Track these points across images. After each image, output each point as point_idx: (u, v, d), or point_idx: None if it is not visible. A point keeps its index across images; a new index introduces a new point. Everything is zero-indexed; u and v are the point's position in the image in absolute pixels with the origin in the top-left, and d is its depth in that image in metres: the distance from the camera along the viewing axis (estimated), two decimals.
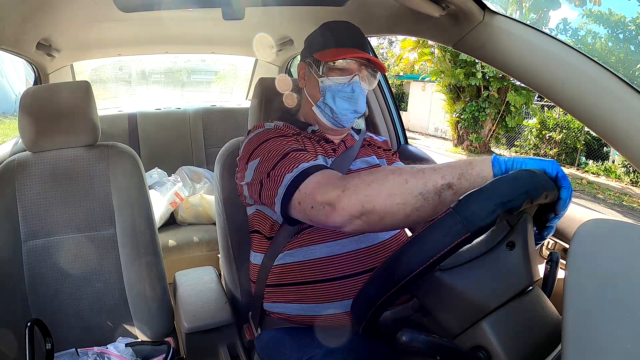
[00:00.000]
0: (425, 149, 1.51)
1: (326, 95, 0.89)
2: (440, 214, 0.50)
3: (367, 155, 0.98)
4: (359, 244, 0.84)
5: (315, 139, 0.93)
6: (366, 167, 0.96)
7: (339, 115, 0.90)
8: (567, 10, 22.82)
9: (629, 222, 0.47)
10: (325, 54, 0.88)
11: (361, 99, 0.90)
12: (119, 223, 1.07)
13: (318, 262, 0.83)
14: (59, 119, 1.04)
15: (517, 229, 0.56)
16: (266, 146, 0.82)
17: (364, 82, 0.89)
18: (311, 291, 0.84)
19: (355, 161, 0.95)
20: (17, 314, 0.99)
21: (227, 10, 1.25)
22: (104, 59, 2.95)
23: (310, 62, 0.91)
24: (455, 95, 8.81)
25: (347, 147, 0.96)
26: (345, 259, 0.83)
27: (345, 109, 0.89)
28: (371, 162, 0.97)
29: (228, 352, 1.04)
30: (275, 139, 0.83)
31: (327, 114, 0.91)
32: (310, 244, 0.84)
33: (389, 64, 12.57)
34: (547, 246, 0.95)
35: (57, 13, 1.23)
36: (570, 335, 0.39)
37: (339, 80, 0.88)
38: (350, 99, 0.88)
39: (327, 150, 0.93)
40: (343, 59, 0.87)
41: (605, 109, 0.66)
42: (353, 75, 0.88)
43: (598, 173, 7.78)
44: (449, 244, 0.47)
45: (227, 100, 3.10)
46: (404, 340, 0.48)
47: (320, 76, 0.89)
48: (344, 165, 0.92)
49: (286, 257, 0.86)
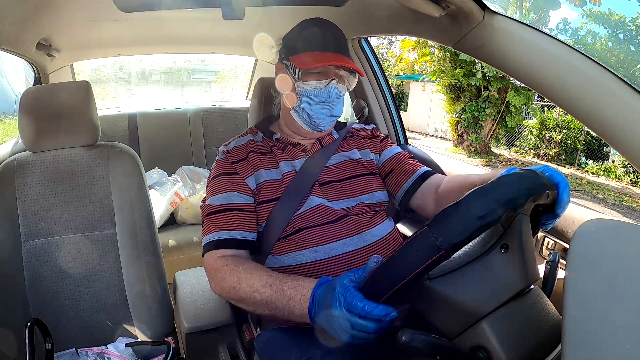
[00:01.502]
0: (425, 149, 1.51)
1: (302, 100, 0.89)
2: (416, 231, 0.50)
3: (347, 149, 0.98)
4: (346, 247, 0.84)
5: (281, 147, 0.94)
6: (344, 160, 0.95)
7: (315, 120, 0.90)
8: (567, 10, 22.82)
9: (629, 222, 0.47)
10: (301, 58, 0.88)
11: (337, 103, 0.90)
12: (119, 223, 1.07)
13: (306, 267, 0.83)
14: (59, 119, 1.04)
15: (511, 231, 0.55)
16: (210, 185, 0.91)
17: (341, 85, 0.89)
18: None
19: (334, 156, 0.95)
20: (17, 314, 0.99)
21: (227, 10, 1.25)
22: (104, 59, 2.95)
23: (286, 64, 0.91)
24: (455, 95, 8.80)
25: (322, 145, 0.96)
26: (333, 262, 0.83)
27: (322, 113, 0.89)
28: (350, 156, 0.97)
29: (228, 352, 1.04)
30: (217, 179, 0.90)
31: (305, 118, 0.91)
32: (299, 249, 0.84)
33: (389, 64, 12.57)
34: (547, 246, 0.95)
35: (57, 13, 1.23)
36: (570, 335, 0.39)
37: (315, 85, 0.87)
38: (327, 103, 0.88)
39: (294, 153, 0.93)
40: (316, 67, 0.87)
41: (605, 109, 0.66)
42: (330, 79, 0.87)
43: (598, 173, 7.77)
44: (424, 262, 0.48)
45: (227, 100, 3.10)
46: (404, 340, 0.48)
47: (296, 80, 0.89)
48: (321, 161, 0.92)
49: (276, 260, 0.86)
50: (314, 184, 0.89)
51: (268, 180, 0.88)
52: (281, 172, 0.89)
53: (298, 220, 0.85)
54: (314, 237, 0.84)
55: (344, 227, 0.86)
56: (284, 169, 0.90)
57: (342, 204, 0.89)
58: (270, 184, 0.88)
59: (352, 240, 0.85)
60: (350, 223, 0.86)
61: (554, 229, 0.92)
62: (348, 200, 0.90)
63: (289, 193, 0.87)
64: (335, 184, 0.91)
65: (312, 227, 0.85)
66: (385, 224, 0.91)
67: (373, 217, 0.90)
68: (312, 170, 0.90)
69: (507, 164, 8.29)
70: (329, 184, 0.91)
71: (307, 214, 0.85)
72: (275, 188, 0.88)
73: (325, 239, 0.84)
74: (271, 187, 0.88)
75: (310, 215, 0.86)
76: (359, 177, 0.94)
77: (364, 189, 0.93)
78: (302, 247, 0.84)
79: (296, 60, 0.88)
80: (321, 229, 0.85)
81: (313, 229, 0.85)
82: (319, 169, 0.91)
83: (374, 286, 0.55)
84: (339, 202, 0.89)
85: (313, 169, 0.90)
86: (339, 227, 0.85)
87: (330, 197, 0.89)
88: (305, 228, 0.85)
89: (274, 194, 0.87)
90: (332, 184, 0.91)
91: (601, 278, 0.42)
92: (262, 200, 0.87)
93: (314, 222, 0.85)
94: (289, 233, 0.85)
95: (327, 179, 0.91)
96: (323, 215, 0.86)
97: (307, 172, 0.90)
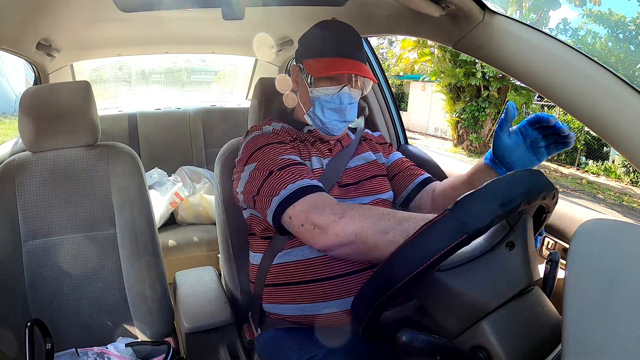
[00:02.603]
0: (425, 149, 1.51)
1: (315, 106, 0.89)
2: (437, 216, 0.49)
3: (363, 152, 0.99)
4: None
5: (311, 140, 0.93)
6: (363, 163, 0.96)
7: (327, 126, 0.90)
8: (567, 10, 22.82)
9: (629, 222, 0.47)
10: (313, 64, 0.88)
11: (350, 110, 0.89)
12: (119, 223, 1.07)
13: (311, 262, 0.83)
14: (59, 119, 1.04)
15: (517, 229, 0.56)
16: (263, 153, 0.83)
17: (355, 90, 0.89)
18: (306, 291, 0.84)
19: (353, 159, 0.96)
20: (17, 314, 0.99)
21: (227, 10, 1.25)
22: (104, 59, 2.94)
23: (301, 67, 0.91)
24: (455, 95, 8.81)
25: (343, 146, 0.97)
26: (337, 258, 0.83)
27: (334, 119, 0.89)
28: (367, 158, 0.98)
29: (228, 352, 1.04)
30: (273, 145, 0.84)
31: (317, 123, 0.92)
32: (304, 243, 0.84)
33: (389, 64, 12.56)
34: (547, 246, 0.95)
35: (57, 13, 1.23)
36: (570, 335, 0.39)
37: (328, 91, 0.87)
38: (339, 110, 0.88)
39: (323, 151, 0.93)
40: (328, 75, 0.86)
41: (605, 109, 0.66)
42: (342, 85, 0.87)
43: (598, 173, 7.78)
44: (446, 246, 0.47)
45: (227, 100, 3.09)
46: (404, 340, 0.48)
47: (309, 85, 0.89)
48: (341, 163, 0.92)
49: (283, 256, 0.86)
50: (333, 185, 0.89)
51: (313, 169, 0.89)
52: (312, 165, 0.89)
53: None
54: None
55: None
56: (315, 164, 0.90)
57: (356, 202, 0.89)
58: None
59: None
60: None
61: (554, 229, 0.92)
62: (364, 197, 0.91)
63: None
64: (355, 186, 0.93)
65: None
66: None
67: None
68: (334, 172, 0.91)
69: None
70: (348, 187, 0.92)
71: None
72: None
73: None
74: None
75: None
76: (375, 177, 0.97)
77: (381, 188, 0.95)
78: None
79: (309, 66, 0.88)
80: None
81: None
82: (340, 171, 0.91)
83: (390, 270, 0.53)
84: (353, 200, 0.89)
85: (335, 171, 0.91)
86: None
87: (348, 197, 0.90)
88: None
89: None
90: (352, 186, 0.92)
91: (601, 278, 0.42)
92: None
93: None
94: None
95: (346, 182, 0.92)
96: None
97: (330, 173, 0.90)
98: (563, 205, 0.91)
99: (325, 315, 0.83)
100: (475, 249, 0.55)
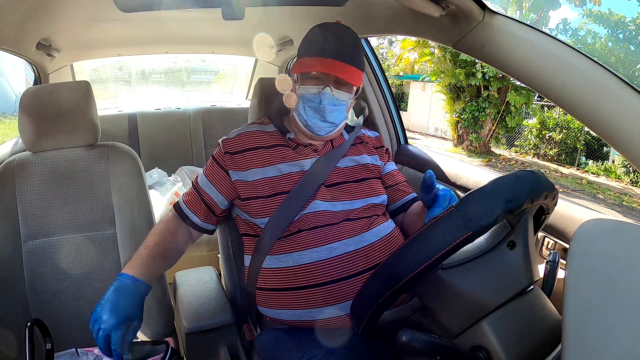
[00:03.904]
0: (425, 149, 1.51)
1: (299, 104, 0.89)
2: (442, 213, 0.50)
3: (357, 154, 0.97)
4: (347, 247, 0.83)
5: (292, 146, 0.93)
6: (354, 165, 0.95)
7: (309, 124, 0.89)
8: (567, 10, 22.85)
9: (629, 222, 0.47)
10: (299, 62, 0.89)
11: (332, 111, 0.87)
12: (119, 223, 1.07)
13: (307, 268, 0.83)
14: (59, 119, 1.03)
15: (518, 229, 0.56)
16: (207, 164, 0.96)
17: (340, 92, 0.87)
18: (302, 297, 0.83)
19: (344, 159, 0.94)
20: (17, 314, 0.99)
21: (227, 10, 1.25)
22: (104, 59, 2.94)
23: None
24: (455, 95, 8.80)
25: (334, 146, 0.95)
26: (334, 263, 0.82)
27: (315, 118, 0.88)
28: (360, 161, 0.96)
29: (228, 352, 1.03)
30: (211, 164, 0.95)
31: (301, 122, 0.91)
32: (299, 249, 0.84)
33: (389, 64, 12.56)
34: (547, 246, 0.95)
35: (57, 13, 1.23)
36: (570, 335, 0.39)
37: (310, 90, 0.87)
38: (318, 109, 0.87)
39: (307, 153, 0.92)
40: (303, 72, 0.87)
41: (605, 109, 0.66)
42: (324, 85, 0.86)
43: (598, 173, 7.77)
44: (451, 242, 0.47)
45: (227, 100, 3.09)
46: (404, 340, 0.48)
47: (296, 82, 0.89)
48: (329, 163, 0.91)
49: (275, 261, 0.86)
50: (320, 186, 0.88)
51: (268, 178, 0.88)
52: (285, 170, 0.89)
53: (300, 222, 0.85)
54: (315, 237, 0.84)
55: (347, 228, 0.85)
56: (290, 169, 0.89)
57: (346, 205, 0.88)
58: (271, 180, 0.88)
59: (354, 240, 0.84)
60: (353, 224, 0.86)
61: (554, 229, 0.92)
62: (355, 201, 0.89)
63: (294, 194, 0.86)
64: (343, 186, 0.91)
65: (314, 228, 0.85)
66: (388, 224, 0.91)
67: (377, 218, 0.90)
68: (319, 172, 0.90)
69: (507, 163, 8.29)
70: (336, 186, 0.91)
71: (309, 217, 0.85)
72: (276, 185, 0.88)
73: (326, 239, 0.84)
74: (270, 183, 0.88)
75: (313, 218, 0.85)
76: (367, 180, 0.94)
77: (373, 190, 0.93)
78: (303, 248, 0.84)
79: (296, 63, 0.90)
80: (323, 230, 0.85)
81: (315, 230, 0.84)
82: (327, 171, 0.90)
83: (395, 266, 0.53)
84: (343, 203, 0.88)
85: (321, 171, 0.90)
86: (341, 228, 0.85)
87: (336, 198, 0.89)
88: (306, 229, 0.85)
89: (275, 190, 0.87)
90: (339, 186, 0.91)
91: (601, 278, 0.42)
92: (263, 195, 0.87)
93: (316, 224, 0.85)
94: (290, 233, 0.85)
95: (334, 181, 0.91)
96: (325, 219, 0.86)
97: (315, 174, 0.89)
98: (563, 205, 0.91)
99: (323, 319, 0.83)
100: (477, 247, 0.56)
